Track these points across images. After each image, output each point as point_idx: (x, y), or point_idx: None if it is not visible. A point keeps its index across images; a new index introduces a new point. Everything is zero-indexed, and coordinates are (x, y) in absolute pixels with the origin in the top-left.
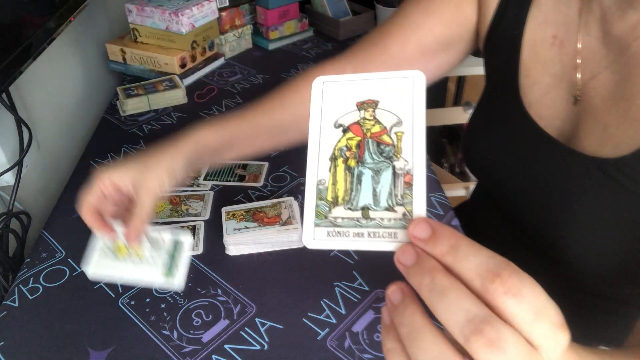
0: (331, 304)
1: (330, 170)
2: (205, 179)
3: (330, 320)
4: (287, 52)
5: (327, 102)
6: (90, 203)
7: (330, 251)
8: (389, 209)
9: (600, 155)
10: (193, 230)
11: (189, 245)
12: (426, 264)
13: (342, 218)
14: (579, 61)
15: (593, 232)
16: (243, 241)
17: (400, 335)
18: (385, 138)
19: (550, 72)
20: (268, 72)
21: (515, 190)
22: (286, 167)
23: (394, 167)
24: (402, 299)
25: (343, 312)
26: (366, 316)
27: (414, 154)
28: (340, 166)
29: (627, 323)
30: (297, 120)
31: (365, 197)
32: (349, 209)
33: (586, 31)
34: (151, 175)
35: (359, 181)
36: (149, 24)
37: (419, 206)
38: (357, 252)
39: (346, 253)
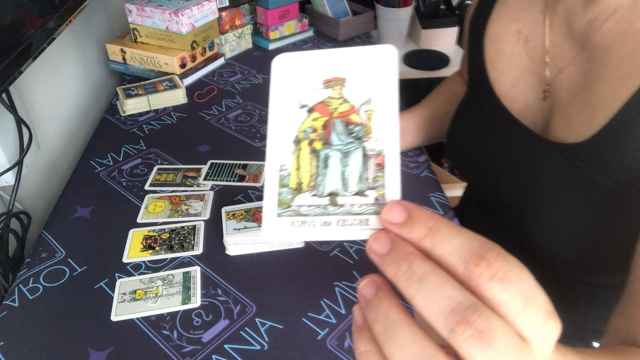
0: (331, 304)
1: (293, 154)
2: (205, 178)
3: (330, 320)
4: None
5: (290, 81)
6: None
7: (330, 251)
8: (360, 193)
9: (564, 142)
10: (193, 230)
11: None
12: (402, 251)
13: (308, 206)
14: (547, 59)
15: (557, 218)
16: (243, 241)
17: (374, 334)
18: (354, 117)
19: (516, 65)
20: (268, 72)
21: (493, 178)
22: None
23: (364, 148)
24: (376, 293)
25: (343, 312)
26: None
27: (386, 134)
28: (305, 149)
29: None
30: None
31: (332, 182)
32: (315, 195)
33: (551, 28)
34: None
35: (325, 165)
36: (149, 24)
37: (393, 189)
38: (358, 252)
39: (346, 253)
